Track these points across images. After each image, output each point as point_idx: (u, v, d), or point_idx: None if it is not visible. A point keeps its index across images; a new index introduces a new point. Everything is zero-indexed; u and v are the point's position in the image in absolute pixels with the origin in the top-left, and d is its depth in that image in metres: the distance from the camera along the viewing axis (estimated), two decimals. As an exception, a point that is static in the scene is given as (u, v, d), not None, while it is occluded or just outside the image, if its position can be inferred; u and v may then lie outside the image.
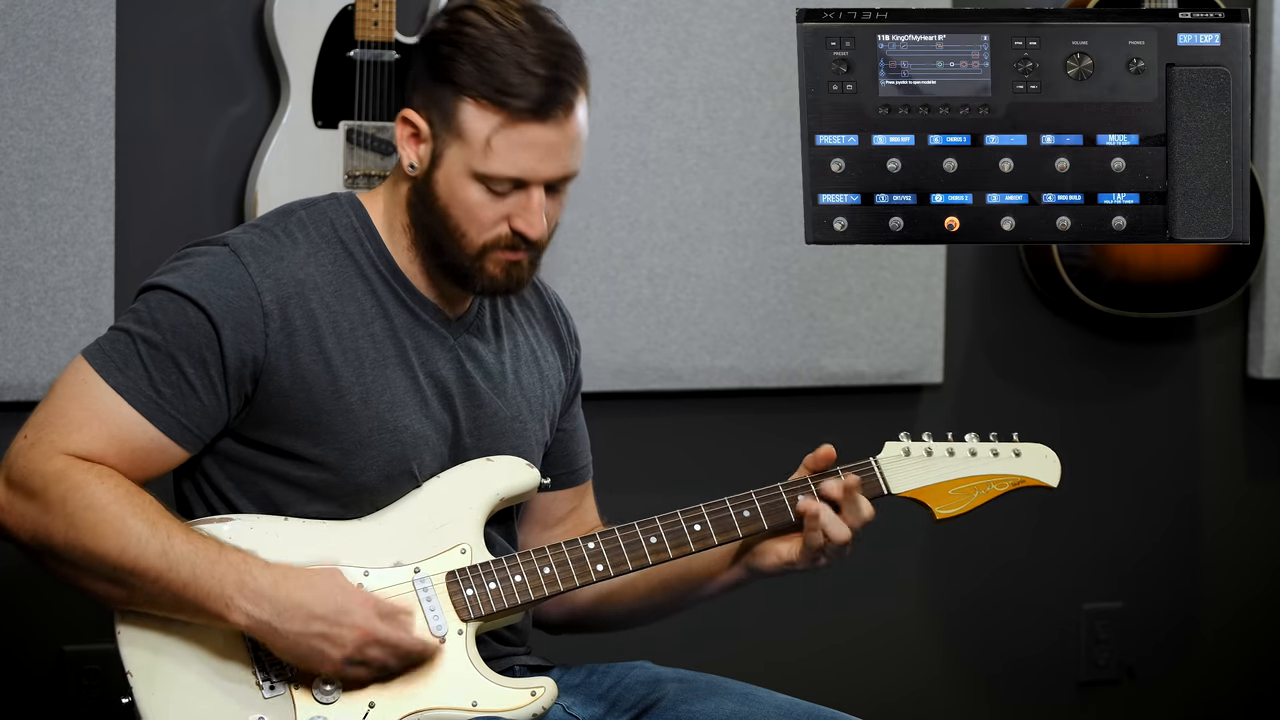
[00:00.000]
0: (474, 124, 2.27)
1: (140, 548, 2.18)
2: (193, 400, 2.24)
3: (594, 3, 3.41)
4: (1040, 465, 2.54)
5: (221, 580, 2.18)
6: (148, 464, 2.25)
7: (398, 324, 2.33)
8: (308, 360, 2.27)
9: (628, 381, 3.49)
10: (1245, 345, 3.97)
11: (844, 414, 3.70)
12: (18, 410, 3.08)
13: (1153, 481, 3.98)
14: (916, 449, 2.47)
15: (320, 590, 2.19)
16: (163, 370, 2.24)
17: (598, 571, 2.35)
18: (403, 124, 2.32)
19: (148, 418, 2.23)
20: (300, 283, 2.28)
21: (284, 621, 2.17)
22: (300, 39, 3.17)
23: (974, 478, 2.49)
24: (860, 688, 3.74)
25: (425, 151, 2.31)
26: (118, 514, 2.18)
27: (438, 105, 2.29)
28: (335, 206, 2.36)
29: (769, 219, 3.56)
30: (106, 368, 2.24)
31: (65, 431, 2.22)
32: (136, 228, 3.18)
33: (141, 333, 2.25)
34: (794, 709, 2.35)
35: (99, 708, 3.19)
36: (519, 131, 2.26)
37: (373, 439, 2.29)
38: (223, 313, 2.24)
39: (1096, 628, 3.93)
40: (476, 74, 2.26)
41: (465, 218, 2.29)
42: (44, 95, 3.07)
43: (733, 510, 2.39)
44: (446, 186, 2.29)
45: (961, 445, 2.49)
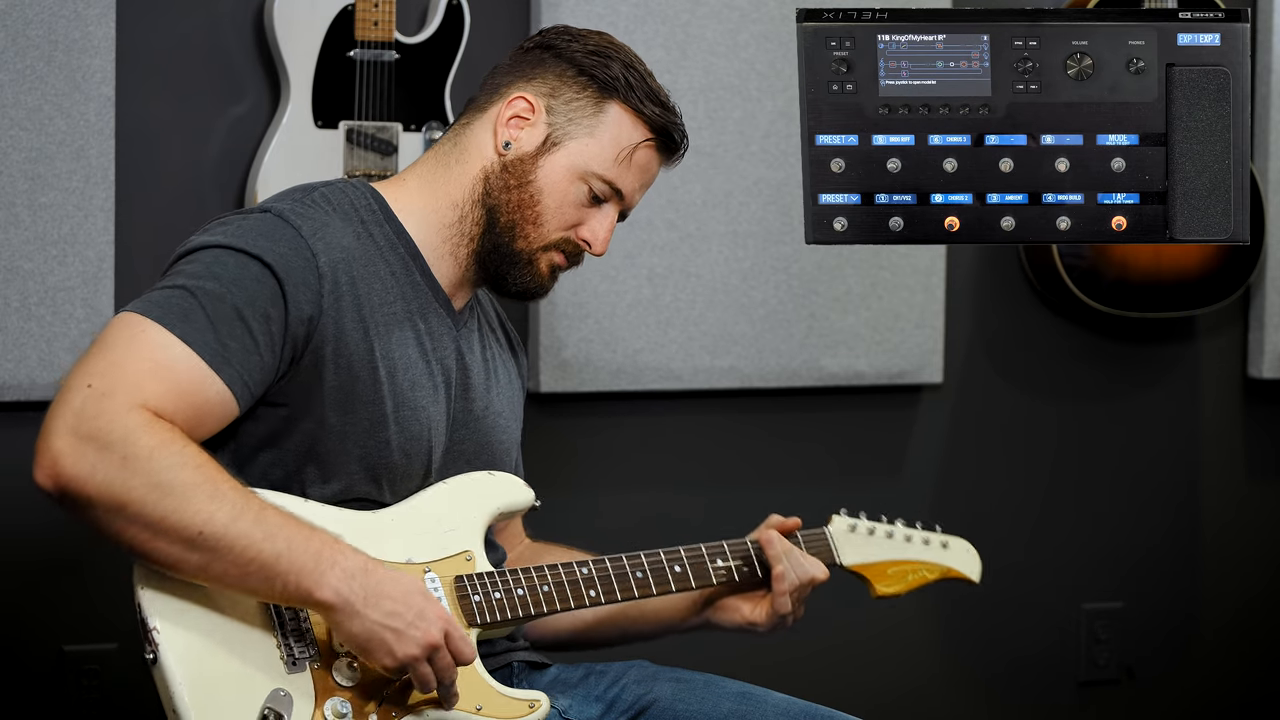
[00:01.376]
0: (618, 128, 2.35)
1: (234, 514, 2.09)
2: (254, 357, 2.18)
3: (594, 3, 3.41)
4: (962, 558, 2.65)
5: (316, 555, 2.12)
6: (208, 421, 2.17)
7: (413, 306, 2.33)
8: (350, 327, 2.26)
9: (628, 381, 3.49)
10: (1245, 345, 3.98)
11: (844, 414, 3.70)
12: (18, 410, 3.09)
13: (1153, 481, 3.98)
14: (862, 526, 2.60)
15: (405, 587, 2.17)
16: (228, 323, 2.16)
17: (590, 597, 2.38)
18: (513, 103, 2.34)
19: (215, 370, 2.15)
20: (344, 249, 2.27)
21: (367, 605, 2.14)
22: (300, 39, 3.17)
23: (909, 562, 2.61)
24: (859, 687, 3.74)
25: (532, 135, 2.34)
26: (210, 477, 2.09)
27: (570, 96, 2.34)
28: (350, 188, 2.36)
29: (769, 219, 3.56)
30: (167, 318, 2.14)
31: (137, 381, 2.10)
32: (136, 228, 3.18)
33: (200, 286, 2.17)
34: (791, 708, 2.36)
35: (99, 708, 3.19)
36: (649, 153, 2.37)
37: (399, 414, 2.29)
38: (285, 270, 2.20)
39: (1096, 628, 3.93)
40: (632, 84, 2.34)
41: (553, 208, 2.34)
42: (44, 95, 3.07)
43: (708, 557, 2.47)
44: (550, 173, 2.34)
45: (899, 529, 2.61)
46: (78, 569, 3.15)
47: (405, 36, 3.22)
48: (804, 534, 2.55)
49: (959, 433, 3.83)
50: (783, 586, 2.46)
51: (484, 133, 2.36)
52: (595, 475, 3.56)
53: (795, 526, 2.53)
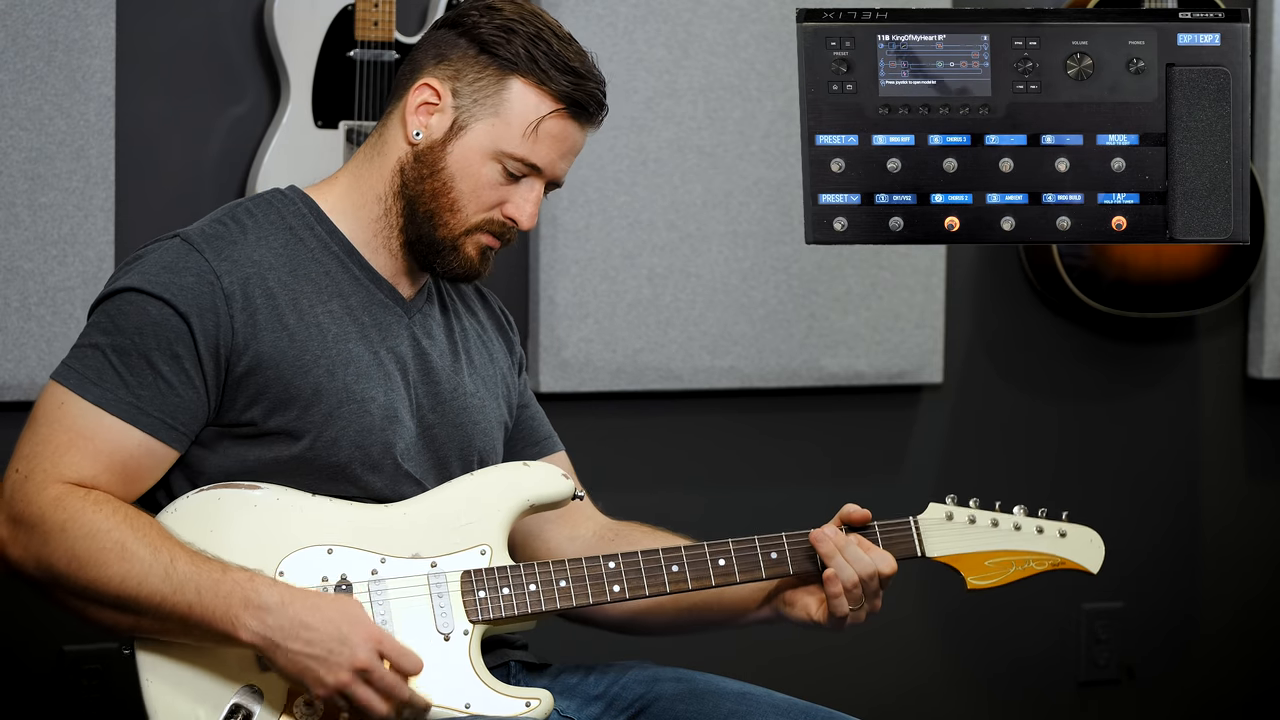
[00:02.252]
0: (522, 104, 2.31)
1: (143, 573, 2.16)
2: (171, 397, 2.22)
3: (594, 3, 3.41)
4: (1084, 550, 2.51)
5: (227, 598, 2.16)
6: (140, 474, 2.24)
7: (353, 302, 2.33)
8: (271, 337, 2.26)
9: (628, 381, 3.49)
10: (1245, 345, 3.98)
11: (844, 414, 3.70)
12: (18, 410, 3.09)
13: (1153, 481, 3.98)
14: (960, 514, 2.45)
15: (325, 614, 2.17)
16: (136, 373, 2.22)
17: (614, 592, 2.35)
18: (419, 90, 2.33)
19: (131, 423, 2.21)
20: (256, 263, 2.28)
21: (287, 639, 2.16)
22: (300, 39, 3.17)
23: (1013, 552, 2.46)
24: (860, 688, 3.74)
25: (440, 121, 2.32)
26: (118, 539, 2.17)
27: (473, 78, 2.31)
28: (279, 197, 2.37)
29: (769, 219, 3.56)
30: (81, 385, 2.22)
31: (55, 458, 2.20)
32: (136, 228, 3.18)
33: (107, 342, 2.23)
34: (792, 708, 2.35)
35: (99, 708, 3.19)
36: (560, 123, 2.32)
37: (341, 410, 2.28)
38: (187, 303, 2.23)
39: (1096, 628, 3.93)
40: (532, 57, 2.30)
41: (469, 192, 2.32)
42: (44, 95, 3.07)
43: (760, 550, 2.39)
44: (461, 158, 2.31)
45: (1007, 517, 2.46)
46: (78, 569, 3.15)
47: (405, 36, 3.22)
48: (884, 524, 2.42)
49: (959, 433, 3.83)
50: (835, 588, 2.35)
51: (397, 124, 2.35)
52: (595, 475, 3.56)
53: (864, 519, 2.41)
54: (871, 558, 2.37)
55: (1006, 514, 2.47)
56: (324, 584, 2.25)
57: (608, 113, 2.37)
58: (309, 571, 2.25)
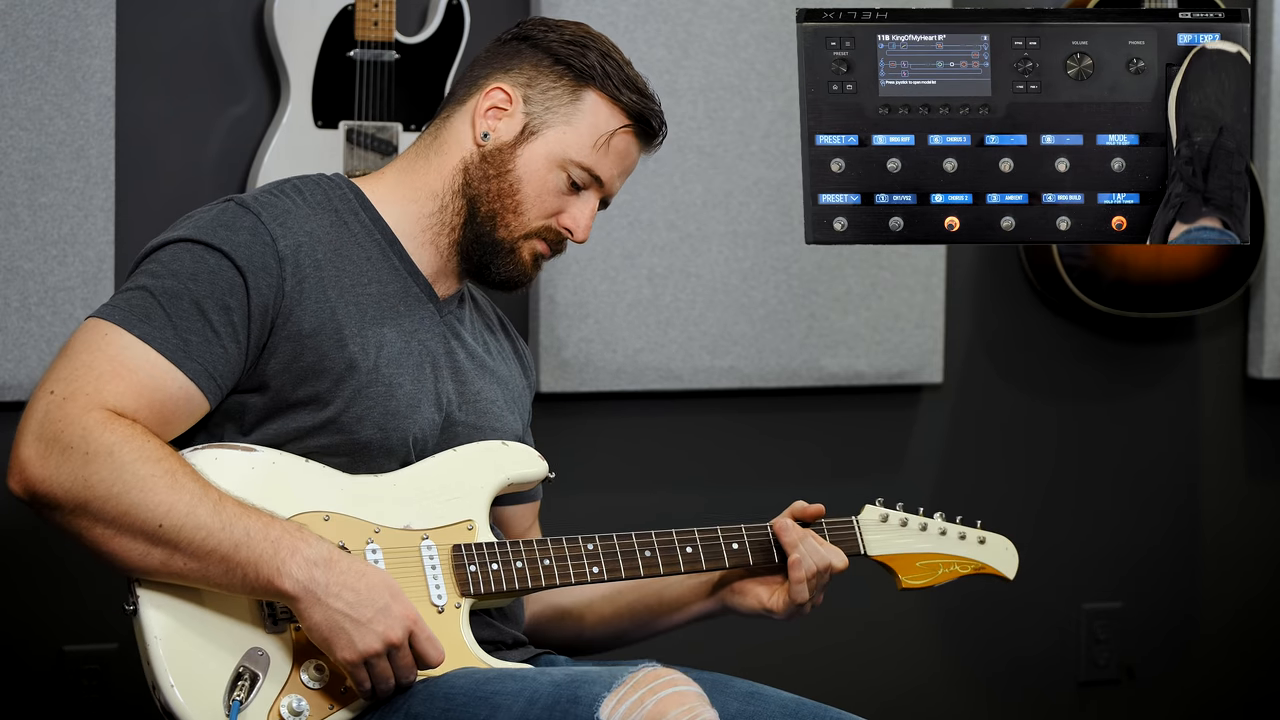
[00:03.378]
0: (595, 116, 2.36)
1: (193, 504, 2.12)
2: (217, 347, 2.22)
3: (594, 3, 3.41)
4: (1000, 556, 2.62)
5: (276, 543, 2.14)
6: (175, 417, 2.21)
7: (390, 290, 2.35)
8: (316, 307, 2.27)
9: (628, 381, 3.49)
10: (1245, 345, 3.98)
11: (844, 414, 3.70)
12: (18, 410, 3.08)
13: (1153, 481, 3.98)
14: (893, 517, 2.57)
15: (370, 580, 2.16)
16: (186, 318, 2.21)
17: (593, 574, 2.38)
18: (491, 94, 2.36)
19: (176, 365, 2.19)
20: (309, 234, 2.30)
21: (329, 595, 2.14)
22: (300, 39, 3.17)
23: (940, 555, 2.58)
24: (860, 687, 3.74)
25: (510, 126, 2.36)
26: (169, 469, 2.13)
27: (547, 86, 2.36)
28: (325, 180, 2.39)
29: (769, 219, 3.56)
30: (128, 320, 2.19)
31: (98, 384, 2.16)
32: (136, 228, 3.18)
33: (158, 285, 2.21)
34: (800, 709, 2.36)
35: (99, 708, 3.19)
36: (627, 140, 2.39)
37: (371, 390, 2.29)
38: (245, 258, 2.24)
39: (1096, 628, 3.93)
40: (606, 72, 2.35)
41: (533, 196, 2.35)
42: (44, 95, 3.07)
43: (723, 540, 2.46)
44: (529, 162, 2.35)
45: (932, 522, 2.58)
46: (78, 569, 3.14)
47: (405, 36, 3.22)
48: (830, 522, 2.52)
49: (959, 433, 3.83)
50: (799, 574, 2.44)
51: (463, 124, 2.38)
52: (595, 475, 3.56)
53: (818, 514, 2.50)
54: (826, 551, 2.46)
55: (930, 519, 2.59)
56: None
57: (664, 138, 2.44)
58: None
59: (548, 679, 2.17)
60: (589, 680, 2.14)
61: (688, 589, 2.53)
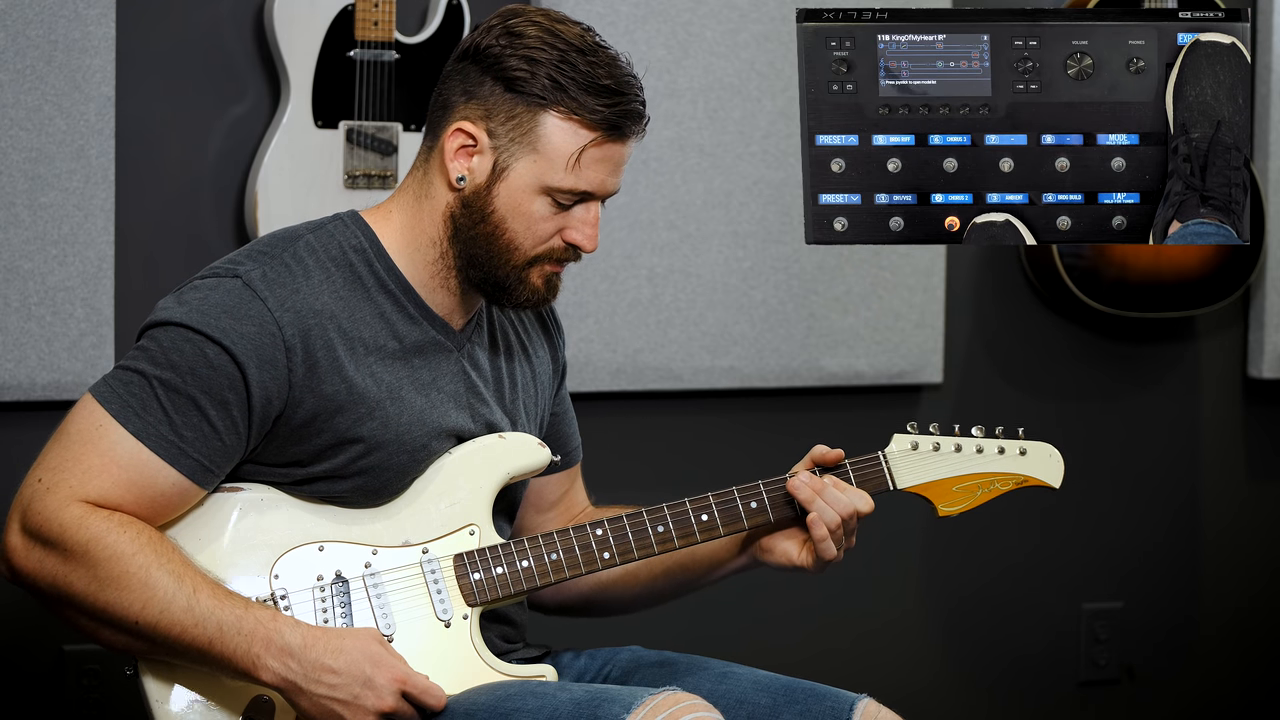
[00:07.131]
0: (558, 138, 2.24)
1: (165, 602, 2.14)
2: (214, 441, 2.20)
3: (594, 3, 3.41)
4: (1043, 465, 2.52)
5: (249, 637, 2.15)
6: (167, 507, 2.21)
7: (407, 343, 2.31)
8: (330, 390, 2.24)
9: (628, 381, 3.49)
10: (1245, 345, 3.98)
11: (844, 414, 3.70)
12: (18, 410, 3.09)
13: (1153, 481, 3.98)
14: (924, 443, 2.45)
15: (349, 657, 2.17)
16: (183, 413, 2.18)
17: (604, 560, 2.35)
18: (453, 135, 2.27)
19: (170, 463, 2.18)
20: (318, 313, 2.24)
21: (309, 683, 2.15)
22: (300, 39, 3.17)
23: (978, 475, 2.47)
24: (860, 687, 3.73)
25: (482, 163, 2.27)
26: (142, 565, 2.15)
27: (505, 117, 2.26)
28: (341, 228, 2.32)
29: (769, 219, 3.56)
30: (124, 412, 2.18)
31: (83, 477, 2.16)
32: (136, 228, 3.18)
33: (158, 374, 2.19)
34: (772, 683, 2.35)
35: (99, 708, 3.19)
36: (600, 149, 2.26)
37: (392, 461, 2.28)
38: (246, 352, 2.19)
39: (1096, 628, 3.93)
40: (560, 86, 2.23)
41: (524, 230, 2.28)
42: (44, 95, 3.07)
43: (740, 501, 2.40)
44: (508, 199, 2.27)
45: (968, 441, 2.47)
46: (78, 569, 3.15)
47: (405, 36, 3.22)
48: (855, 461, 2.43)
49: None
50: (820, 531, 2.36)
51: (438, 169, 2.30)
52: (595, 475, 3.56)
53: (837, 459, 2.41)
54: (849, 497, 2.38)
55: (968, 437, 2.48)
56: (319, 582, 2.25)
57: (650, 120, 2.31)
58: (303, 572, 2.25)
59: (568, 696, 2.17)
60: (609, 700, 2.14)
61: (719, 546, 2.46)
